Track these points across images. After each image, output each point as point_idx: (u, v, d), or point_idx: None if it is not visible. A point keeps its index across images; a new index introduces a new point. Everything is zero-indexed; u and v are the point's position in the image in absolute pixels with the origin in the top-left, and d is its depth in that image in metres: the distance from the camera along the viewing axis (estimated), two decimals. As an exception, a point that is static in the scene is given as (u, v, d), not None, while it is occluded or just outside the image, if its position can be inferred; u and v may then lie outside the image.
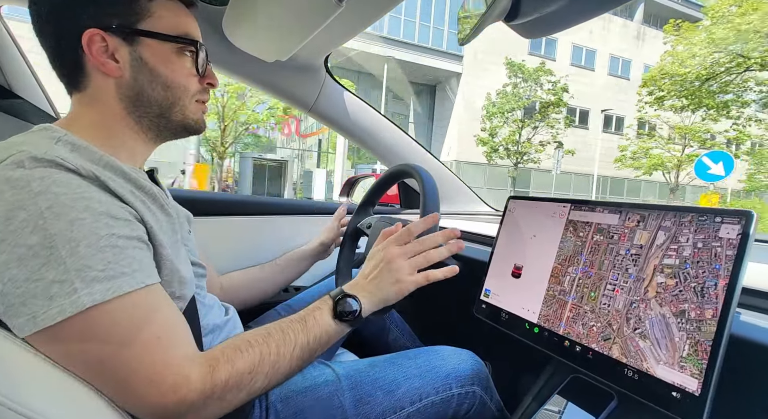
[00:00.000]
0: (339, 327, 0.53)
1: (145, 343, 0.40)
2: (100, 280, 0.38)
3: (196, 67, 0.55)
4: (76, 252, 0.37)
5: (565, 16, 0.57)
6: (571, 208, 0.64)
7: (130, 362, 0.39)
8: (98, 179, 0.43)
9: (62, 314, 0.36)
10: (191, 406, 0.41)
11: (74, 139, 0.45)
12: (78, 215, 0.38)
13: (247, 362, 0.45)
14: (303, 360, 0.50)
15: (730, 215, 0.45)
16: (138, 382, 0.40)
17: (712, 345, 0.42)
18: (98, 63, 0.49)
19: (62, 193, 0.39)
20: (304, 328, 0.50)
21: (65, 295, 0.37)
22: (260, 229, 1.17)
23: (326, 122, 1.18)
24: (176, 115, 0.54)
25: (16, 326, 0.37)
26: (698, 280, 0.45)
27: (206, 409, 0.42)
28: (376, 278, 0.58)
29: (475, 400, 0.71)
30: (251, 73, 1.04)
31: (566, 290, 0.59)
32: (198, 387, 0.41)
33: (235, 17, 0.84)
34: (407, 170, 0.83)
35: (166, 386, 0.40)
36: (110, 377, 0.40)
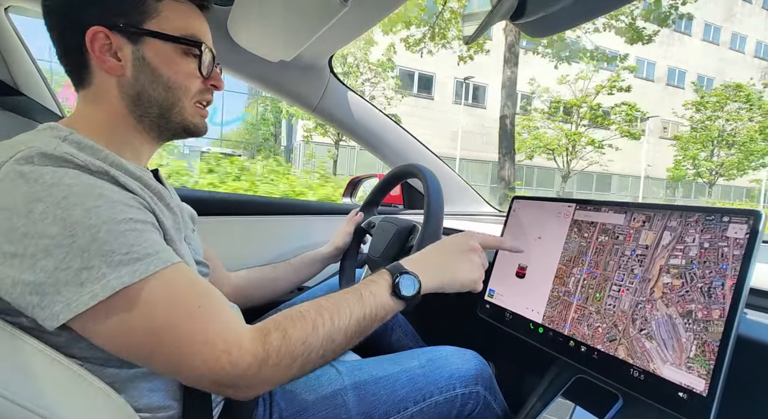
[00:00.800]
0: (395, 304, 0.52)
1: (186, 314, 0.41)
2: (126, 263, 0.39)
3: (200, 68, 0.55)
4: (97, 238, 0.38)
5: (572, 15, 0.57)
6: (576, 208, 0.63)
7: (176, 332, 0.40)
8: (108, 174, 0.43)
9: (94, 299, 0.37)
10: (247, 369, 0.41)
11: (80, 138, 0.45)
12: (94, 203, 0.39)
13: (300, 331, 0.44)
14: (358, 333, 0.48)
15: (738, 215, 0.45)
16: (189, 349, 0.40)
17: (719, 346, 0.42)
18: (100, 61, 0.49)
19: (75, 184, 0.39)
20: (359, 301, 0.49)
21: (95, 280, 0.37)
22: (268, 229, 1.18)
23: (331, 122, 1.18)
24: (175, 116, 0.54)
25: (53, 314, 0.37)
26: (705, 280, 0.45)
27: (262, 375, 0.42)
28: (451, 258, 0.57)
29: (479, 400, 0.71)
30: (256, 72, 1.04)
31: (571, 291, 0.59)
32: (251, 350, 0.41)
33: (241, 17, 0.84)
34: (411, 170, 0.83)
35: (219, 349, 0.40)
36: (159, 351, 0.40)
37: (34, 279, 0.37)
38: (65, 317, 0.37)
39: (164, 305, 0.40)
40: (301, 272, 0.90)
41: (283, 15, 0.77)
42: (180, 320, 0.40)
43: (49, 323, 0.38)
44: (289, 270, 0.90)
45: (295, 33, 0.83)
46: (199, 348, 0.40)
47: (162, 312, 0.40)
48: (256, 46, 0.93)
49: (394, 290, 0.51)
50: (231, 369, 0.40)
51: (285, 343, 0.42)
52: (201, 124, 0.58)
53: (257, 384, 0.42)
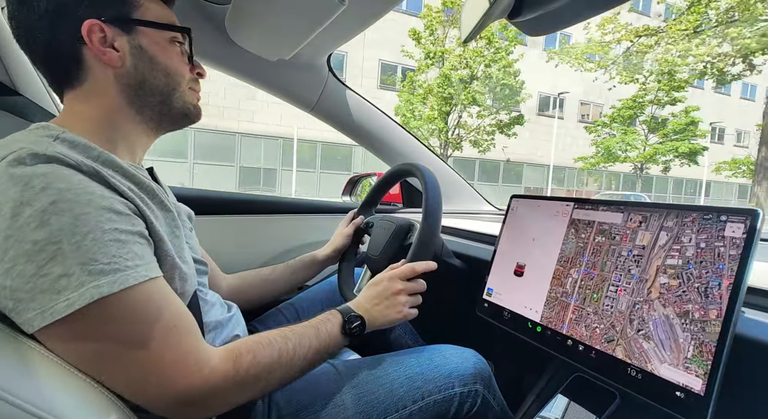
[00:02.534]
0: (344, 340, 0.61)
1: (161, 331, 0.41)
2: (106, 273, 0.38)
3: (189, 55, 0.57)
4: (81, 246, 0.38)
5: (569, 13, 0.57)
6: (574, 207, 0.63)
7: (147, 348, 0.40)
8: (98, 174, 0.43)
9: (71, 307, 0.37)
10: (215, 388, 0.42)
11: (72, 137, 0.45)
12: (82, 210, 0.39)
13: (267, 356, 0.48)
14: (313, 362, 0.55)
15: (735, 214, 0.45)
16: (159, 367, 0.40)
17: (716, 346, 0.42)
18: (99, 53, 0.49)
19: (65, 188, 0.39)
20: (317, 335, 0.56)
21: (73, 288, 0.37)
22: (266, 228, 1.18)
23: (329, 121, 1.18)
24: (177, 101, 0.55)
25: (26, 321, 0.37)
26: (702, 281, 0.45)
27: (228, 394, 0.44)
28: (380, 305, 0.67)
29: (477, 399, 0.71)
30: (253, 71, 1.04)
31: (568, 292, 0.59)
32: (221, 369, 0.43)
33: (238, 16, 0.83)
34: (410, 169, 0.83)
35: (190, 367, 0.42)
36: (128, 367, 0.40)
37: (9, 284, 0.37)
38: (39, 324, 0.37)
39: (140, 319, 0.40)
40: (299, 274, 0.90)
41: (281, 14, 0.77)
42: (154, 336, 0.40)
43: (26, 328, 0.38)
44: (287, 273, 0.90)
45: (293, 32, 0.83)
46: (170, 365, 0.41)
47: (136, 326, 0.40)
48: (253, 45, 0.93)
49: (344, 329, 0.60)
50: (201, 386, 0.42)
51: (253, 365, 0.46)
52: (199, 107, 0.59)
53: (221, 401, 0.44)
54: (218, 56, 0.98)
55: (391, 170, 0.91)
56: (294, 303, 0.92)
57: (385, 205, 1.44)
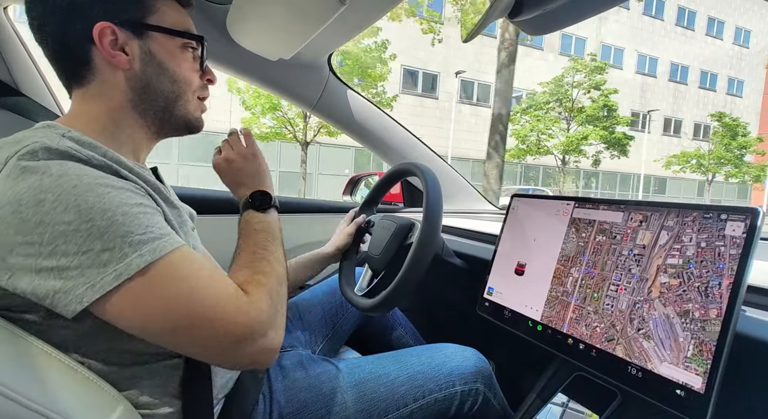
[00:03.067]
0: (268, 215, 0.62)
1: (205, 283, 0.43)
2: (145, 242, 0.40)
3: (201, 62, 0.57)
4: (114, 220, 0.39)
5: (570, 12, 0.57)
6: (575, 206, 0.63)
7: (202, 300, 0.42)
8: (110, 167, 0.44)
9: (119, 278, 0.38)
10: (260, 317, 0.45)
11: (78, 136, 0.46)
12: (104, 190, 0.40)
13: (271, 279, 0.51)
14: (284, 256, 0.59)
15: (735, 212, 0.45)
16: (214, 313, 0.42)
17: (716, 345, 0.42)
18: (108, 55, 0.49)
19: (83, 174, 0.40)
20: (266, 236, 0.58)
21: (117, 260, 0.38)
22: None
23: (330, 121, 1.18)
24: (179, 109, 0.55)
25: (76, 298, 0.38)
26: (702, 280, 0.45)
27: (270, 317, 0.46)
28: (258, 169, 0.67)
29: (478, 398, 0.71)
30: (255, 71, 1.04)
31: (569, 291, 0.59)
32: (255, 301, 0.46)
33: (239, 16, 0.84)
34: (410, 168, 0.83)
35: (239, 301, 0.44)
36: (186, 320, 0.41)
37: (56, 264, 0.38)
38: (89, 299, 0.38)
39: (183, 278, 0.42)
40: (300, 273, 0.91)
41: (282, 13, 0.77)
42: (202, 288, 0.42)
43: (72, 307, 0.38)
44: (289, 271, 0.90)
45: (294, 31, 0.83)
46: (222, 307, 0.43)
47: (185, 285, 0.42)
48: (254, 45, 0.93)
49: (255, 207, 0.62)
50: (256, 318, 0.44)
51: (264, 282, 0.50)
52: (201, 119, 0.59)
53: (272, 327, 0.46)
54: (219, 56, 0.98)
55: (392, 169, 0.92)
56: (295, 302, 0.93)
57: (386, 204, 1.44)
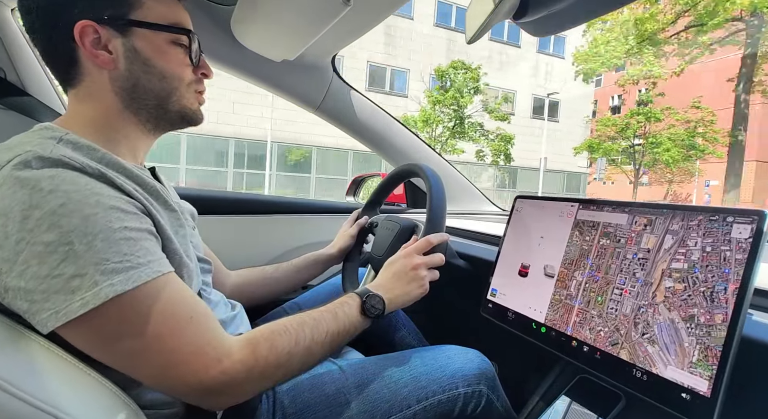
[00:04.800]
0: (364, 322, 0.59)
1: (178, 324, 0.42)
2: (119, 272, 0.39)
3: (190, 56, 0.55)
4: (92, 246, 0.38)
5: (575, 14, 0.57)
6: (579, 208, 0.63)
7: (166, 342, 0.41)
8: (104, 175, 0.43)
9: (85, 307, 0.37)
10: (235, 378, 0.43)
11: (75, 139, 0.46)
12: (91, 211, 0.39)
13: (285, 343, 0.48)
14: (332, 347, 0.54)
15: (742, 215, 0.45)
16: (179, 359, 0.41)
17: (722, 351, 0.41)
18: (91, 55, 0.49)
19: (72, 190, 0.39)
20: (334, 319, 0.55)
21: (86, 288, 0.37)
22: (270, 228, 1.18)
23: (334, 122, 1.18)
24: (173, 104, 0.54)
25: (41, 322, 0.38)
26: (707, 284, 0.45)
27: (249, 383, 0.45)
28: (400, 282, 0.65)
29: (481, 399, 0.71)
30: (259, 72, 1.04)
31: (572, 294, 0.59)
32: (241, 359, 0.43)
33: (244, 17, 0.84)
34: (414, 169, 0.83)
35: (209, 358, 0.42)
36: (147, 361, 0.41)
37: (24, 286, 0.37)
38: (53, 325, 0.38)
39: (156, 314, 0.41)
40: (303, 273, 0.91)
41: (286, 14, 0.77)
42: (172, 330, 0.41)
43: (40, 328, 0.38)
44: (292, 271, 0.90)
45: (298, 32, 0.83)
46: (190, 358, 0.41)
47: (154, 322, 0.40)
48: (259, 46, 0.93)
49: (363, 310, 0.58)
50: (221, 377, 0.42)
51: (271, 353, 0.46)
52: (199, 111, 0.58)
53: (242, 390, 0.45)
54: (224, 56, 0.98)
55: (395, 170, 0.92)
56: (298, 303, 0.93)
57: (390, 205, 1.44)
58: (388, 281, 0.65)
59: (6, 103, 0.98)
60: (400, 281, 0.65)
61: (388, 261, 0.69)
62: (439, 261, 0.69)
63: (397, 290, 0.64)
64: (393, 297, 0.63)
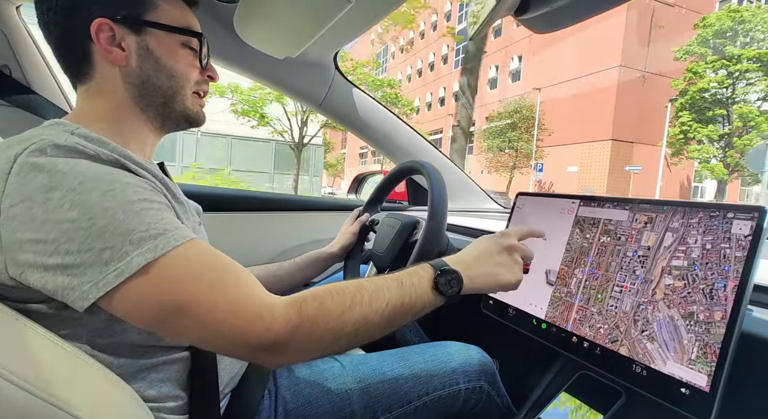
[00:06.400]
0: (435, 299, 0.50)
1: (211, 285, 0.41)
2: (147, 239, 0.39)
3: (200, 59, 0.57)
4: (115, 219, 0.39)
5: (576, 10, 0.57)
6: (580, 204, 0.63)
7: (202, 302, 0.40)
8: (119, 162, 0.45)
9: (120, 276, 0.38)
10: (279, 336, 0.41)
11: (86, 132, 0.47)
12: (108, 187, 0.40)
13: (336, 304, 0.44)
14: (394, 319, 0.47)
15: (742, 211, 0.45)
16: (219, 318, 0.40)
17: (721, 348, 0.42)
18: (105, 51, 0.50)
19: (86, 171, 0.41)
20: (399, 288, 0.48)
21: (118, 259, 0.38)
22: (273, 225, 1.19)
23: (336, 119, 1.18)
24: (178, 104, 0.56)
25: (83, 294, 0.39)
26: (707, 282, 0.45)
27: (295, 341, 0.42)
28: (487, 262, 0.55)
29: (482, 395, 0.71)
30: (261, 69, 1.05)
31: (572, 292, 0.59)
32: (284, 316, 0.41)
33: (246, 15, 0.84)
34: (415, 166, 0.83)
35: (251, 316, 0.41)
36: (189, 323, 0.41)
37: (61, 262, 0.39)
38: (94, 296, 0.39)
39: (188, 277, 0.41)
40: (306, 271, 0.91)
41: (288, 12, 0.77)
42: (205, 290, 0.41)
43: (80, 303, 0.39)
44: (294, 269, 0.90)
45: (300, 30, 0.83)
46: (228, 315, 0.40)
47: (186, 284, 0.41)
48: (261, 43, 0.94)
49: (435, 284, 0.50)
50: (263, 334, 0.40)
51: (321, 313, 0.42)
52: (201, 112, 0.60)
53: (289, 351, 0.42)
54: (227, 54, 0.99)
55: (397, 168, 0.92)
56: None
57: (391, 203, 1.44)
58: (472, 257, 0.55)
59: (11, 100, 0.99)
60: (488, 260, 0.55)
61: (479, 238, 0.59)
62: (531, 254, 0.59)
63: (481, 269, 0.54)
64: (474, 276, 0.53)
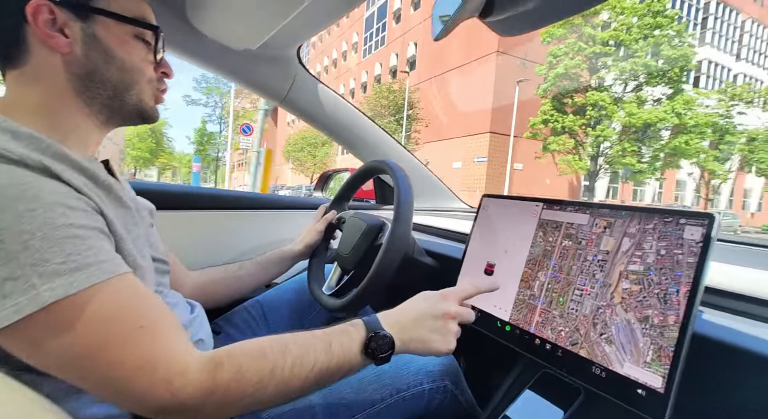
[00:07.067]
0: (363, 362, 0.48)
1: (125, 333, 0.37)
2: (62, 274, 0.35)
3: (154, 53, 0.53)
4: (29, 245, 0.34)
5: (542, 14, 0.57)
6: (544, 207, 0.64)
7: (110, 354, 0.37)
8: (48, 169, 0.39)
9: (19, 313, 0.34)
10: (188, 400, 0.38)
11: (15, 126, 0.41)
12: (27, 206, 0.35)
13: (256, 371, 0.41)
14: (317, 384, 0.45)
15: (693, 217, 0.47)
16: (125, 374, 0.37)
17: (674, 351, 0.43)
18: (44, 36, 0.45)
19: (6, 184, 0.35)
20: (327, 351, 0.46)
21: (21, 292, 0.34)
22: (233, 224, 1.13)
23: (299, 115, 1.14)
24: (131, 98, 0.52)
25: None
26: (661, 287, 0.46)
27: (205, 409, 0.39)
28: (422, 326, 0.53)
29: (446, 395, 0.71)
30: (219, 61, 0.99)
31: (536, 295, 0.60)
32: (196, 381, 0.38)
33: (201, 1, 0.79)
34: (381, 166, 0.82)
35: (158, 376, 0.37)
36: (91, 372, 0.37)
37: None
38: None
39: (101, 322, 0.37)
40: (269, 270, 0.88)
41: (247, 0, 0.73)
42: (118, 340, 0.37)
43: None
44: (257, 269, 0.87)
45: (261, 19, 0.79)
46: (136, 372, 0.37)
47: (97, 330, 0.37)
48: (218, 33, 0.88)
49: (366, 348, 0.48)
50: (170, 399, 0.37)
51: (236, 379, 0.40)
52: (155, 108, 0.55)
53: (201, 415, 0.40)
54: (181, 43, 0.92)
55: (364, 167, 0.90)
56: (261, 301, 0.90)
57: (358, 201, 1.42)
58: (408, 319, 0.53)
59: None
60: (424, 324, 0.53)
61: (418, 295, 0.57)
62: (470, 318, 0.57)
63: (415, 333, 0.52)
64: (407, 339, 0.51)
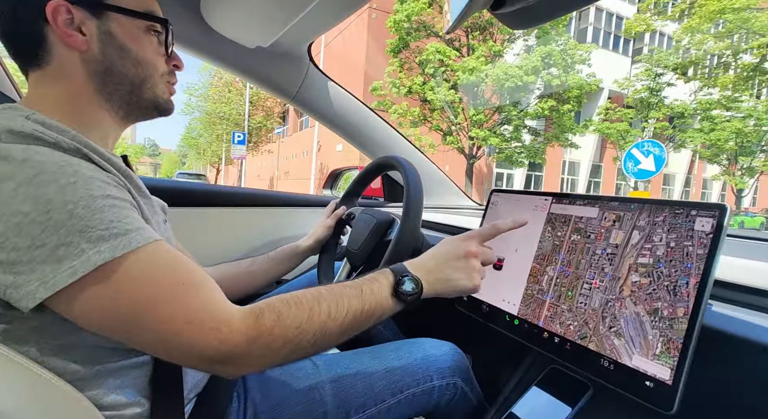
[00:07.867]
0: (394, 305, 0.51)
1: (170, 291, 0.40)
2: (106, 239, 0.37)
3: (165, 46, 0.55)
4: (74, 214, 0.37)
5: (554, 6, 0.57)
6: (552, 201, 0.64)
7: (159, 312, 0.39)
8: (80, 151, 0.42)
9: (74, 275, 0.36)
10: (236, 347, 0.40)
11: (43, 118, 0.43)
12: (68, 180, 0.37)
13: (294, 316, 0.43)
14: (353, 327, 0.48)
15: (705, 208, 0.46)
16: (175, 328, 0.39)
17: (683, 343, 0.43)
18: (63, 35, 0.47)
19: (47, 161, 0.38)
20: (359, 296, 0.48)
21: (74, 256, 0.36)
22: (245, 221, 1.15)
23: (309, 112, 1.15)
24: (147, 92, 0.54)
25: (29, 293, 0.36)
26: (671, 279, 0.46)
27: (251, 354, 0.41)
28: (447, 267, 0.55)
29: (456, 392, 0.72)
30: (231, 59, 1.00)
31: (544, 289, 0.60)
32: (241, 328, 0.40)
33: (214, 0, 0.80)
34: (391, 162, 0.82)
35: (207, 326, 0.39)
36: (143, 331, 0.39)
37: (6, 258, 0.36)
38: (42, 295, 0.36)
39: (146, 282, 0.39)
40: (280, 265, 0.89)
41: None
42: (163, 297, 0.39)
43: (25, 303, 0.36)
44: (268, 264, 0.88)
45: (273, 17, 0.80)
46: (183, 325, 0.39)
47: (144, 290, 0.39)
48: (231, 31, 0.90)
49: (395, 291, 0.51)
50: (219, 346, 0.39)
51: (278, 325, 0.42)
52: (170, 101, 0.57)
53: (245, 363, 0.42)
54: (194, 41, 0.94)
55: (373, 163, 0.91)
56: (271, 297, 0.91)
57: (367, 198, 1.43)
58: (433, 261, 0.56)
59: None
60: (448, 265, 0.55)
61: (441, 241, 0.59)
62: (492, 258, 0.60)
63: (440, 273, 0.55)
64: (433, 280, 0.54)
